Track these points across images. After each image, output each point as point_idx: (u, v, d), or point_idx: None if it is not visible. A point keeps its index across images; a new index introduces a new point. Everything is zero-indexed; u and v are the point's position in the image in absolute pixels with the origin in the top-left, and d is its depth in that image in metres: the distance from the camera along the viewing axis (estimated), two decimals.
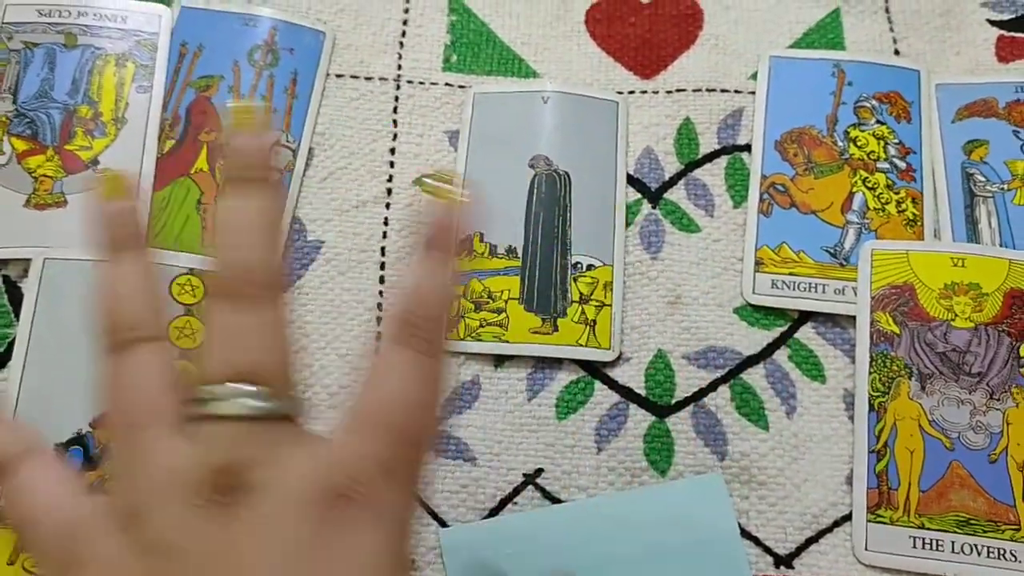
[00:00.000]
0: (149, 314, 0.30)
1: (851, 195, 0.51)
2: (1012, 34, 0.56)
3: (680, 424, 0.46)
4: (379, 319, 0.48)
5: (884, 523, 0.43)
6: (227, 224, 0.30)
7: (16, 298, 0.47)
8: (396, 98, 0.54)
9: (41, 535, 0.28)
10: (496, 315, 0.48)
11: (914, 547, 0.42)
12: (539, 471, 0.45)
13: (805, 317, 0.48)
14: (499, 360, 0.48)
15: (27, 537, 0.29)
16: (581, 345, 0.47)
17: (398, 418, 0.29)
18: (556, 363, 0.47)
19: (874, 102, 0.53)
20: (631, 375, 0.47)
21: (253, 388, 0.28)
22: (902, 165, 0.51)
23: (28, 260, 0.47)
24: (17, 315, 0.47)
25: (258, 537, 0.26)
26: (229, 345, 0.29)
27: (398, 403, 0.29)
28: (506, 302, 0.48)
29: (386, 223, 0.51)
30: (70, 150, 0.50)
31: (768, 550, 0.43)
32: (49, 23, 0.52)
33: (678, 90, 0.55)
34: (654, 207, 0.51)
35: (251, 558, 0.26)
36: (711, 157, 0.53)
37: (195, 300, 0.47)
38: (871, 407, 0.45)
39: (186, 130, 0.51)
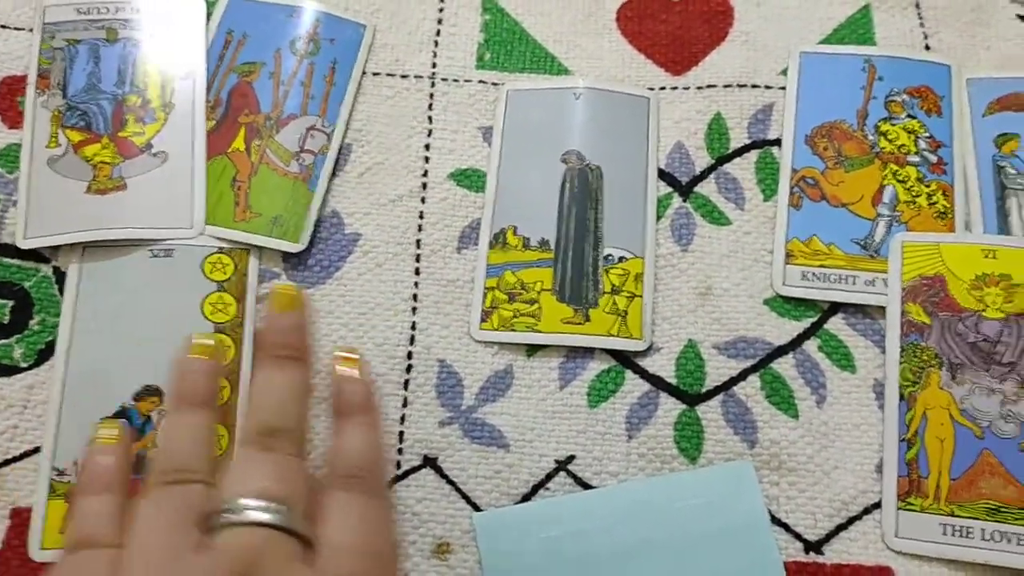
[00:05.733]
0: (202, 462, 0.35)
1: (881, 188, 0.51)
2: None
3: (710, 412, 0.46)
4: (414, 310, 0.49)
5: (914, 511, 0.43)
6: (262, 392, 0.36)
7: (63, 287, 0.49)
8: (431, 95, 0.55)
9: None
10: (529, 306, 0.49)
11: (944, 534, 0.43)
12: (571, 458, 0.46)
13: (835, 308, 0.49)
14: (532, 349, 0.48)
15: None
16: (613, 335, 0.48)
17: (360, 542, 0.33)
18: (588, 352, 0.48)
19: (905, 96, 0.53)
20: (662, 364, 0.48)
21: (264, 503, 0.32)
22: (933, 158, 0.52)
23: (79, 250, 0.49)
24: None
25: None
26: (248, 474, 0.33)
27: (358, 532, 0.34)
28: (539, 293, 0.49)
29: (421, 217, 0.52)
30: (124, 136, 0.52)
31: (798, 536, 0.44)
32: (89, 20, 0.55)
33: (709, 86, 0.55)
34: (685, 200, 0.52)
35: None
36: (741, 151, 0.53)
37: (225, 277, 0.49)
38: (901, 396, 0.45)
39: (226, 112, 0.53)
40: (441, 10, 0.58)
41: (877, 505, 0.44)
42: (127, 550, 0.31)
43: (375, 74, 0.56)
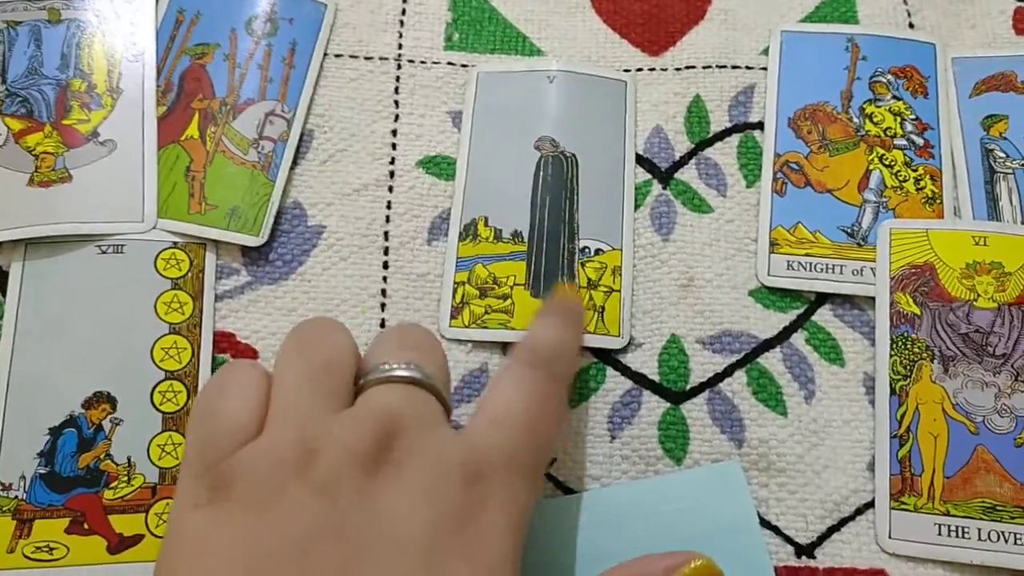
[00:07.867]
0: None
1: (868, 173, 0.49)
2: None
3: (695, 411, 0.44)
4: (383, 305, 0.47)
5: (908, 510, 0.42)
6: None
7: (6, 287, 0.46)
8: (397, 78, 0.53)
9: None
10: (502, 301, 0.47)
11: (939, 535, 0.41)
12: (552, 460, 0.44)
13: (822, 299, 0.47)
14: (506, 347, 0.46)
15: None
16: (590, 332, 0.46)
17: (522, 417, 0.33)
18: None
19: (890, 77, 0.52)
20: (644, 360, 0.46)
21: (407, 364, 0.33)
22: (920, 142, 0.50)
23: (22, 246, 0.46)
24: None
25: (414, 499, 0.29)
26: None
27: (522, 404, 0.33)
28: (512, 288, 0.47)
29: (389, 207, 0.49)
30: (68, 124, 0.49)
31: (789, 539, 0.42)
32: (29, 0, 0.51)
33: (687, 67, 0.53)
34: (664, 188, 0.50)
35: (407, 517, 0.29)
36: (722, 135, 0.51)
37: (180, 274, 0.46)
38: (892, 391, 0.44)
39: (178, 97, 0.50)
40: None
41: (870, 505, 0.42)
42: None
43: (337, 56, 0.53)
